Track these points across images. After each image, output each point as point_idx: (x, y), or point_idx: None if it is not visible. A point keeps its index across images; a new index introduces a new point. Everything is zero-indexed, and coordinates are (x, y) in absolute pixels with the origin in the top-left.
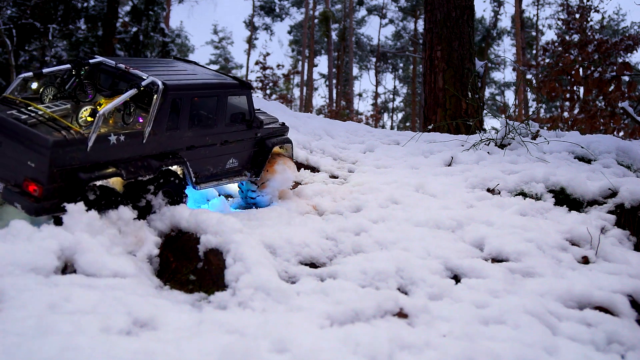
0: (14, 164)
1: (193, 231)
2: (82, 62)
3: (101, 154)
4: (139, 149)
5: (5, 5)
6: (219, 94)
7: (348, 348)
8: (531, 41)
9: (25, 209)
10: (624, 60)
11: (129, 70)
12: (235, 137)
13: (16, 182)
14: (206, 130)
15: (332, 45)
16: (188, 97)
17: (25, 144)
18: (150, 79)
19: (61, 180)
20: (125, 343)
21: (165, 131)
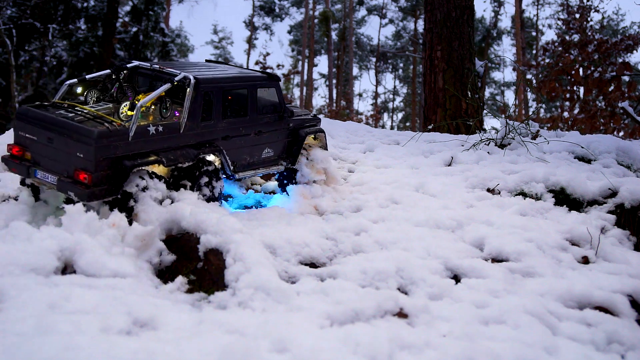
0: (65, 157)
1: (193, 231)
2: (121, 67)
3: (143, 144)
4: (177, 139)
5: (5, 5)
6: (248, 86)
7: (348, 348)
8: (531, 41)
9: (78, 196)
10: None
11: (163, 69)
12: (268, 128)
13: (68, 174)
14: (239, 120)
15: (332, 45)
16: (219, 89)
17: (74, 138)
18: (182, 74)
19: (108, 168)
20: (125, 343)
21: (200, 122)
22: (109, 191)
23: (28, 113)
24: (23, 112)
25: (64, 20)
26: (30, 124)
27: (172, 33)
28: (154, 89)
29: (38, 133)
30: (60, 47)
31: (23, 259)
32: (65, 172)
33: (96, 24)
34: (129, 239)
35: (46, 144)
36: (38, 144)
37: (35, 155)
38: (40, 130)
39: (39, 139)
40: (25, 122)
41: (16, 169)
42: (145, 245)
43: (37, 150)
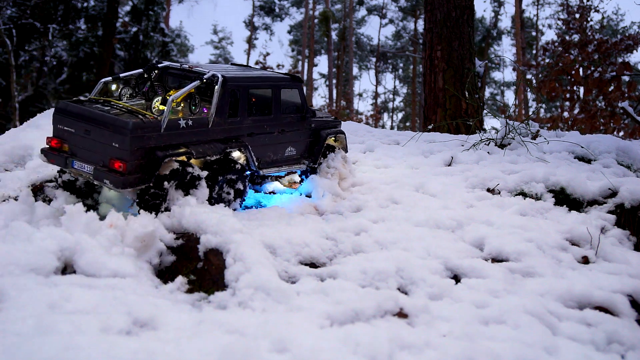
0: (101, 148)
1: (193, 231)
2: (152, 66)
3: (174, 136)
4: (206, 133)
5: (5, 5)
6: (273, 86)
7: (348, 348)
8: (531, 41)
9: (113, 184)
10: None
11: (192, 68)
12: (291, 127)
13: (104, 163)
14: (264, 119)
15: (332, 45)
16: (245, 88)
17: (110, 129)
18: (211, 73)
19: (141, 157)
20: (125, 343)
21: (227, 118)
22: (142, 179)
23: (67, 107)
24: (62, 107)
25: (64, 20)
26: (68, 118)
27: (172, 33)
28: (183, 87)
29: (76, 126)
30: (60, 47)
31: (23, 259)
32: (101, 162)
33: (96, 24)
34: (129, 240)
35: (83, 136)
36: (76, 136)
37: (73, 147)
38: (78, 123)
39: (77, 131)
40: (64, 116)
41: (54, 160)
42: (145, 246)
43: (74, 142)
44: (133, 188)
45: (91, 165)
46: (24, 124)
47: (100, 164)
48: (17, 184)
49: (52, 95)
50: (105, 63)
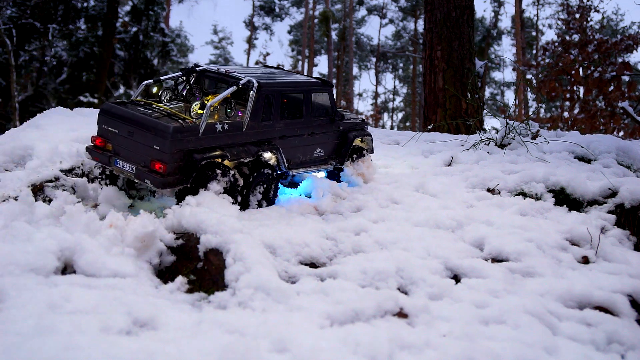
0: (143, 149)
1: (193, 231)
2: (190, 70)
3: (210, 139)
4: (240, 137)
5: (5, 5)
6: (304, 90)
7: (348, 348)
8: (531, 41)
9: (153, 184)
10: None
11: (229, 73)
12: (320, 129)
13: (145, 164)
14: (294, 122)
15: (332, 45)
16: (278, 93)
17: (152, 132)
18: (247, 79)
19: (180, 160)
20: (125, 343)
21: (261, 122)
22: (181, 180)
23: (111, 109)
24: (107, 108)
25: (64, 20)
26: (112, 119)
27: (172, 33)
28: (219, 90)
29: (119, 127)
30: (60, 47)
31: (23, 259)
32: (143, 162)
33: (96, 24)
34: (129, 240)
35: (126, 137)
36: (119, 136)
37: (116, 146)
38: (121, 125)
39: (120, 132)
40: (108, 117)
41: (98, 158)
42: (145, 246)
43: (117, 142)
44: (172, 188)
45: (133, 165)
46: (24, 124)
47: (142, 164)
48: (17, 184)
49: (52, 95)
50: (105, 63)
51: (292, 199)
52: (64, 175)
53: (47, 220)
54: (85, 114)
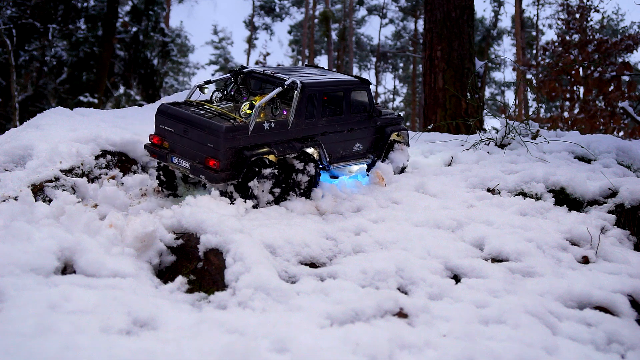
0: (197, 147)
1: (193, 231)
2: (238, 71)
3: (259, 137)
4: (286, 134)
5: (5, 5)
6: (344, 89)
7: (348, 348)
8: (531, 41)
9: (208, 179)
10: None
11: (274, 74)
12: (359, 125)
13: (200, 160)
14: (335, 119)
15: (332, 45)
16: (320, 92)
17: (206, 131)
18: (291, 79)
19: (232, 156)
20: (125, 343)
21: (304, 120)
22: (232, 175)
23: (168, 110)
24: (164, 109)
25: (64, 20)
26: (169, 119)
27: (172, 33)
28: (264, 90)
29: (175, 126)
30: (60, 47)
31: (23, 259)
32: (198, 159)
33: (96, 24)
34: (129, 240)
35: (182, 135)
36: (175, 135)
37: (172, 144)
38: (177, 124)
39: (176, 131)
40: (165, 117)
41: (156, 155)
42: (145, 246)
43: (173, 140)
44: (224, 183)
45: (188, 161)
46: (24, 124)
47: (197, 160)
48: (17, 184)
49: (52, 95)
50: (105, 63)
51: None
52: (64, 175)
53: (47, 220)
54: (85, 114)
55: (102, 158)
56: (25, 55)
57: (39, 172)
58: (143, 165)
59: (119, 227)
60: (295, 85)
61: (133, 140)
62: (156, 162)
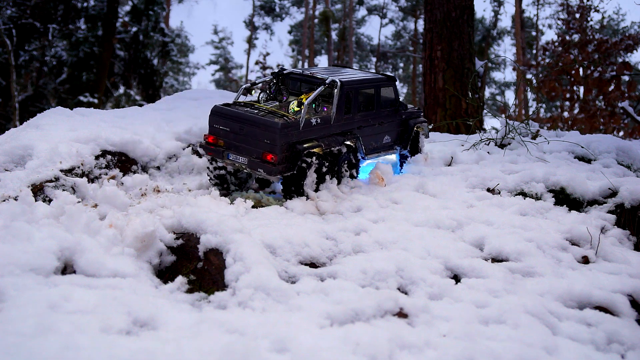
0: (254, 143)
1: (193, 231)
2: (279, 73)
3: (307, 132)
4: (329, 129)
5: (5, 5)
6: (375, 86)
7: (348, 348)
8: (531, 41)
9: (266, 172)
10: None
11: (313, 74)
12: (387, 119)
13: (257, 155)
14: (368, 114)
15: (332, 45)
16: (356, 89)
17: (262, 128)
18: (331, 78)
19: (286, 150)
20: (125, 343)
21: (343, 115)
22: (288, 168)
23: (222, 110)
24: (218, 110)
25: (64, 20)
26: (223, 119)
27: (172, 33)
28: (301, 89)
29: (231, 125)
30: (60, 47)
31: (23, 259)
32: (254, 154)
33: (96, 24)
34: (129, 240)
35: (237, 133)
36: (230, 133)
37: (228, 142)
38: (232, 123)
39: (232, 129)
40: (220, 117)
41: (212, 153)
42: (145, 246)
43: (229, 138)
44: (281, 175)
45: (245, 157)
46: (24, 124)
47: (254, 155)
48: (17, 184)
49: (52, 95)
50: (105, 63)
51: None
52: (64, 175)
53: (47, 220)
54: (85, 114)
55: (102, 158)
56: (25, 55)
57: (39, 172)
58: (143, 165)
59: (119, 227)
60: (336, 83)
61: (133, 140)
62: (208, 161)
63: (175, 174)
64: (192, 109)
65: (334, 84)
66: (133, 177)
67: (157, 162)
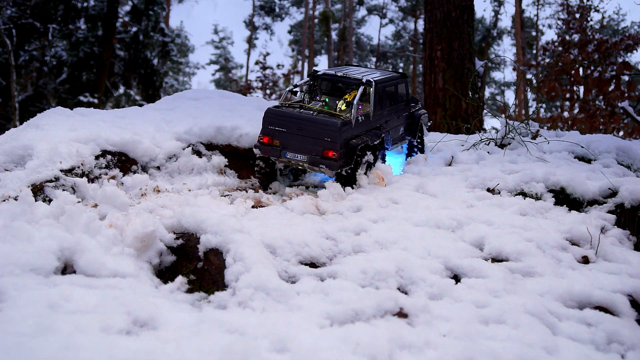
0: (313, 141)
1: (193, 231)
2: (315, 74)
3: (356, 129)
4: (368, 124)
5: (5, 5)
6: (395, 83)
7: (348, 348)
8: (531, 41)
9: (328, 167)
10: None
11: (347, 75)
12: (402, 113)
13: (317, 153)
14: (391, 108)
15: (332, 45)
16: (385, 87)
17: (322, 128)
18: (365, 79)
19: (343, 147)
20: (125, 343)
21: (377, 111)
22: (346, 163)
23: (278, 112)
24: (273, 112)
25: (64, 20)
26: (279, 120)
27: (172, 33)
28: (333, 90)
29: (287, 126)
30: (60, 47)
31: (23, 259)
32: (314, 152)
33: (96, 24)
34: (129, 240)
35: (294, 133)
36: (286, 133)
37: (283, 142)
38: (289, 124)
39: (288, 130)
40: (274, 119)
41: (268, 152)
42: (145, 246)
43: (284, 138)
44: (341, 170)
45: (304, 155)
46: (24, 124)
47: (314, 153)
48: (17, 184)
49: (52, 95)
50: (105, 63)
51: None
52: (64, 175)
53: (47, 220)
54: (85, 114)
55: (102, 158)
56: (25, 55)
57: (39, 172)
58: (143, 165)
59: (119, 227)
60: (371, 82)
61: (133, 140)
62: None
63: (175, 174)
64: (192, 109)
65: (370, 83)
66: (133, 177)
67: (157, 162)
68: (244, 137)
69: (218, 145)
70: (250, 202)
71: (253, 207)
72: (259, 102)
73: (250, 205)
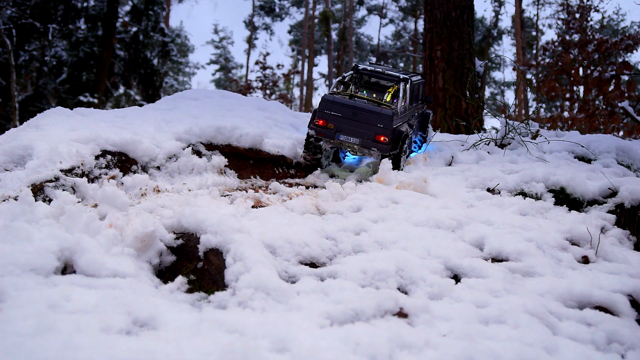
0: (366, 127)
1: (193, 231)
2: (356, 68)
3: (398, 119)
4: (405, 116)
5: (5, 5)
6: (420, 82)
7: (348, 347)
8: (531, 41)
9: (380, 150)
10: (624, 60)
11: (385, 72)
12: (418, 109)
13: (368, 137)
14: (414, 104)
15: (332, 45)
16: (412, 84)
17: (376, 115)
18: (402, 75)
19: (391, 133)
20: (125, 343)
21: (409, 105)
22: (394, 147)
23: (334, 99)
24: (330, 99)
25: (64, 20)
26: (335, 106)
27: (172, 33)
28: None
29: (343, 112)
30: (60, 47)
31: (23, 259)
32: (366, 136)
33: (96, 24)
34: (129, 240)
35: (350, 118)
36: (342, 118)
37: (338, 125)
38: (345, 110)
39: (343, 115)
40: (332, 105)
41: (323, 134)
42: (145, 246)
43: (339, 122)
44: (389, 153)
45: (356, 138)
46: (24, 124)
47: (366, 137)
48: (17, 184)
49: (52, 95)
50: (105, 63)
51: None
52: (64, 175)
53: (47, 220)
54: (85, 114)
55: (102, 158)
56: (25, 55)
57: (39, 172)
58: (143, 165)
59: (119, 227)
60: (407, 80)
61: (133, 140)
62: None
63: (175, 174)
64: (192, 109)
65: (407, 80)
66: (133, 177)
67: (157, 162)
68: (244, 137)
69: (218, 145)
70: (250, 202)
71: (253, 207)
72: (259, 102)
73: (250, 205)
